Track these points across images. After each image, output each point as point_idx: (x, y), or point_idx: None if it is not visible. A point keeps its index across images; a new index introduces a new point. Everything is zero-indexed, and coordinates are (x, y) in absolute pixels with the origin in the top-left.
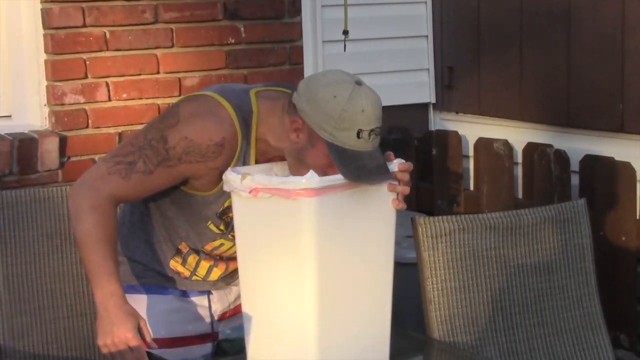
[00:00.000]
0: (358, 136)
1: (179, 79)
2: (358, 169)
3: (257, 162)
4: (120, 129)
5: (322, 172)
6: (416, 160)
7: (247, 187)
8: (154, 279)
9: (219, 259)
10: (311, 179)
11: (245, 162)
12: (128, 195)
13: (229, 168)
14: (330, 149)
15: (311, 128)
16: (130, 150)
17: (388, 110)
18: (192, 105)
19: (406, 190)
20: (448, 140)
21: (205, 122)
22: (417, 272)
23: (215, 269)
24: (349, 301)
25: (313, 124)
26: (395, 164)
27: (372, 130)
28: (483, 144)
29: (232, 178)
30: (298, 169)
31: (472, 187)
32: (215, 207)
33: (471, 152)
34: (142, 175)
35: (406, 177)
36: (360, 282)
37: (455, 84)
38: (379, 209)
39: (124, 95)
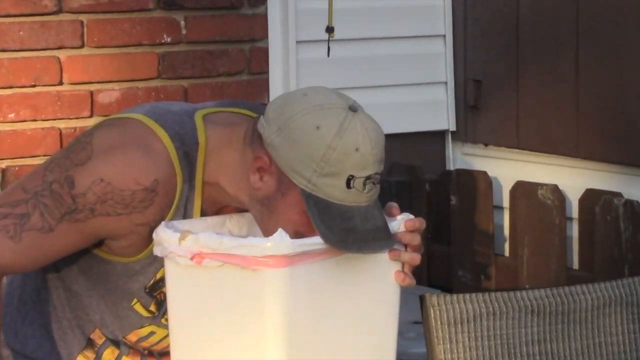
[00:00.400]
0: (348, 185)
1: (91, 92)
2: (346, 232)
3: (203, 213)
4: (4, 164)
5: (295, 232)
6: (428, 214)
7: (187, 251)
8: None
9: (147, 354)
10: (280, 241)
11: (186, 214)
12: (17, 263)
13: (162, 223)
14: (308, 202)
15: (282, 170)
16: (22, 198)
17: (390, 141)
18: (112, 133)
19: (415, 259)
20: (473, 185)
21: (129, 158)
22: None
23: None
24: None
25: (284, 166)
26: (401, 221)
27: (368, 178)
28: (523, 191)
29: (167, 238)
30: (267, 228)
31: (507, 253)
32: (144, 279)
33: (506, 202)
34: (38, 233)
35: (416, 239)
36: None
37: (484, 104)
38: (375, 285)
39: (11, 116)
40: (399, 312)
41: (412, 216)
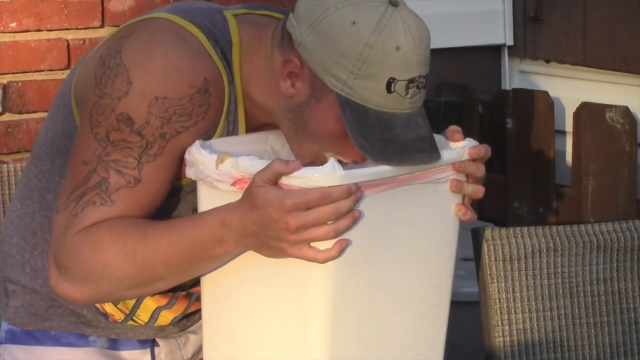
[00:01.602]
0: (389, 89)
1: None
2: (385, 142)
3: (247, 130)
4: (5, 79)
5: (337, 145)
6: (481, 139)
7: (227, 175)
8: (64, 320)
9: (176, 293)
10: (332, 172)
11: (234, 128)
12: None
13: (197, 142)
14: (343, 108)
15: (315, 73)
16: (88, 170)
17: (438, 56)
18: (141, 41)
19: (479, 191)
20: (532, 106)
21: (172, 62)
22: (479, 317)
23: (164, 312)
24: (377, 354)
25: (318, 67)
26: (464, 148)
27: (411, 81)
28: (589, 114)
29: (203, 159)
30: (299, 142)
31: (569, 183)
32: (193, 199)
33: (569, 126)
34: (127, 190)
35: (481, 170)
36: (398, 331)
37: (546, 15)
38: (434, 220)
39: (13, 25)
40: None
41: (476, 142)
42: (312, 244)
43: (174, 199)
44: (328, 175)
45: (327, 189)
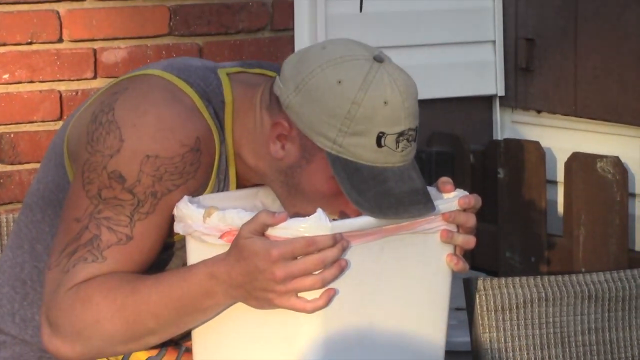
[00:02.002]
0: (379, 144)
1: (94, 50)
2: (380, 196)
3: (237, 185)
4: None
5: (331, 204)
6: (472, 189)
7: (214, 229)
8: None
9: (166, 345)
10: (318, 221)
11: (224, 187)
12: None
13: (185, 197)
14: (335, 166)
15: (304, 134)
16: (80, 227)
17: (428, 107)
18: (133, 99)
19: (470, 242)
20: (524, 156)
21: (164, 121)
22: None
23: None
24: None
25: (306, 128)
26: (454, 199)
27: (401, 134)
28: (580, 164)
29: (190, 214)
30: (293, 203)
31: (561, 232)
32: (184, 255)
33: (560, 176)
34: (119, 247)
35: (471, 220)
36: None
37: (538, 66)
38: (424, 270)
39: (5, 77)
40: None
41: (466, 193)
42: (299, 294)
43: (165, 254)
44: (315, 225)
45: (312, 237)
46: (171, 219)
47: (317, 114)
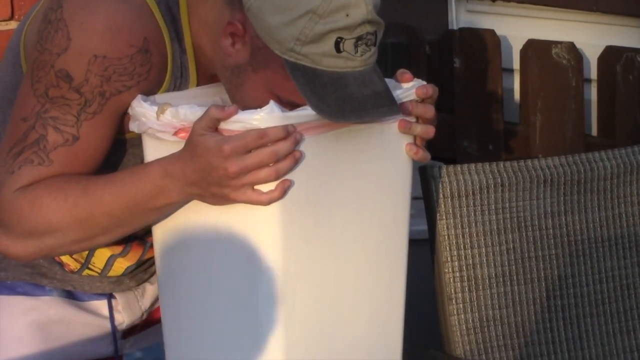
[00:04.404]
0: (337, 49)
1: None
2: (341, 101)
3: (199, 83)
4: None
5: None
6: (428, 78)
7: (168, 125)
8: (19, 271)
9: (130, 241)
10: (271, 113)
11: (182, 82)
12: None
13: (138, 96)
14: (294, 72)
15: (259, 41)
16: (27, 127)
17: None
18: None
19: (429, 131)
20: (479, 45)
21: (112, 20)
22: (429, 254)
23: (120, 260)
24: (333, 306)
25: (264, 33)
26: (411, 89)
27: (359, 39)
28: (535, 50)
29: (144, 111)
30: (236, 100)
31: (518, 119)
32: (141, 153)
33: (516, 64)
34: (65, 148)
35: (430, 111)
36: (355, 274)
37: None
38: (383, 161)
39: None
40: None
41: (424, 82)
42: (255, 187)
43: (119, 152)
44: (266, 116)
45: (264, 129)
46: (120, 120)
47: (276, 21)
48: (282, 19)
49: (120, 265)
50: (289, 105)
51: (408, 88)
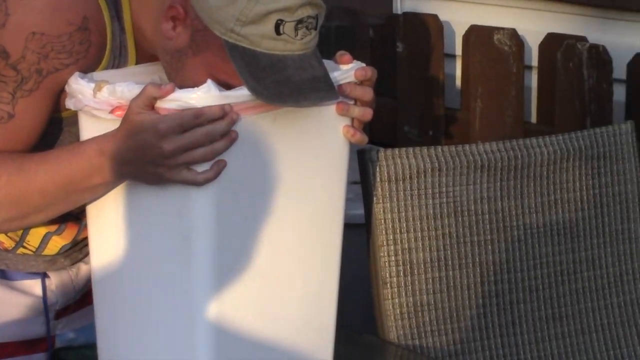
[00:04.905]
0: (277, 31)
1: None
2: (279, 84)
3: (138, 62)
4: None
5: None
6: (371, 62)
7: (105, 103)
8: None
9: (66, 220)
10: (208, 92)
11: (121, 61)
12: None
13: (76, 73)
14: (233, 54)
15: (200, 21)
16: None
17: None
18: None
19: (367, 114)
20: (422, 30)
21: None
22: (365, 238)
23: (55, 238)
24: (265, 288)
25: (204, 14)
26: (350, 70)
27: (300, 22)
28: (477, 36)
29: (80, 89)
30: (176, 77)
31: (459, 105)
32: (77, 132)
33: (458, 50)
34: (0, 126)
35: (368, 93)
36: (290, 256)
37: None
38: (321, 143)
39: None
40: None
41: (363, 64)
42: (191, 167)
43: (55, 130)
44: (204, 95)
45: (200, 108)
46: (57, 98)
47: (217, 2)
48: (223, 1)
49: (55, 244)
50: (228, 89)
51: (347, 70)
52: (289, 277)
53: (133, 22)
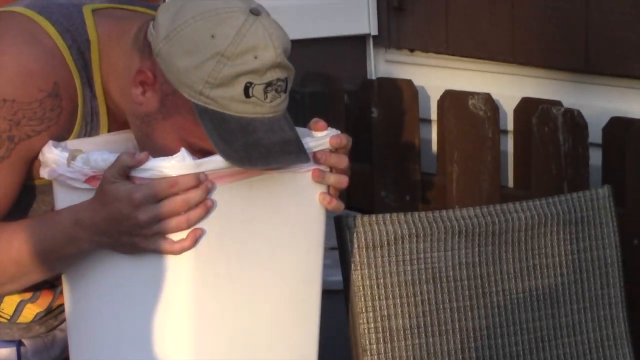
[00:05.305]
0: (247, 94)
1: None
2: (249, 147)
3: (110, 128)
4: None
5: None
6: (346, 128)
7: (79, 172)
8: None
9: (40, 287)
10: (182, 161)
11: (93, 128)
12: None
13: (49, 142)
14: (202, 117)
15: (169, 84)
16: None
17: (302, 46)
18: None
19: (342, 181)
20: (397, 95)
21: (23, 64)
22: (344, 305)
23: (29, 305)
24: (244, 357)
25: (173, 77)
26: (325, 137)
27: (269, 84)
28: (452, 101)
29: (54, 158)
30: (142, 148)
31: (435, 170)
32: (50, 200)
33: (434, 114)
34: None
35: (343, 162)
36: (268, 324)
37: (410, 4)
38: (297, 210)
39: None
40: (325, 240)
41: (338, 132)
42: (167, 236)
43: (28, 199)
44: (178, 164)
45: (175, 177)
46: (30, 165)
47: (185, 65)
48: (191, 62)
49: (30, 311)
50: (199, 152)
51: (322, 137)
52: (268, 344)
53: (104, 88)
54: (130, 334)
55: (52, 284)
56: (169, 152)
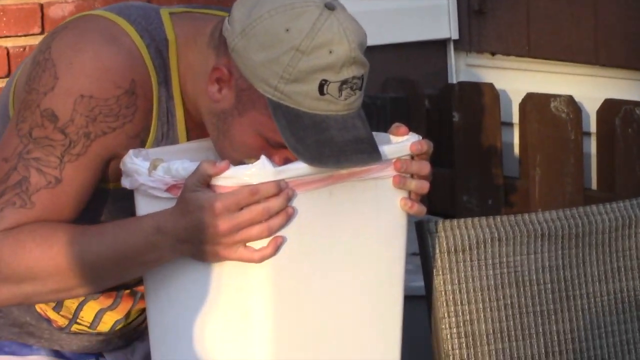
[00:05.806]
0: (321, 91)
1: (41, 5)
2: (321, 144)
3: (187, 129)
4: None
5: (254, 156)
6: (428, 133)
7: (160, 182)
8: (6, 331)
9: (120, 294)
10: (262, 168)
11: (170, 129)
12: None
13: (130, 151)
14: (276, 112)
15: (245, 80)
16: (9, 168)
17: (383, 52)
18: (70, 37)
19: (424, 187)
20: (479, 99)
21: (101, 60)
22: (426, 310)
23: (109, 313)
24: None
25: (249, 72)
26: (406, 143)
27: (344, 82)
28: (534, 104)
29: (136, 168)
30: (221, 148)
31: (517, 174)
32: (125, 206)
33: (515, 118)
34: (47, 191)
35: (424, 167)
36: (350, 330)
37: (491, 8)
38: (378, 217)
39: None
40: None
41: (419, 137)
42: (248, 244)
43: (101, 201)
44: (258, 172)
45: (256, 185)
46: (105, 163)
47: (261, 59)
48: (266, 56)
49: (110, 318)
50: (276, 146)
51: (402, 142)
52: (350, 351)
53: (181, 88)
54: (212, 341)
55: (132, 290)
56: (246, 147)
